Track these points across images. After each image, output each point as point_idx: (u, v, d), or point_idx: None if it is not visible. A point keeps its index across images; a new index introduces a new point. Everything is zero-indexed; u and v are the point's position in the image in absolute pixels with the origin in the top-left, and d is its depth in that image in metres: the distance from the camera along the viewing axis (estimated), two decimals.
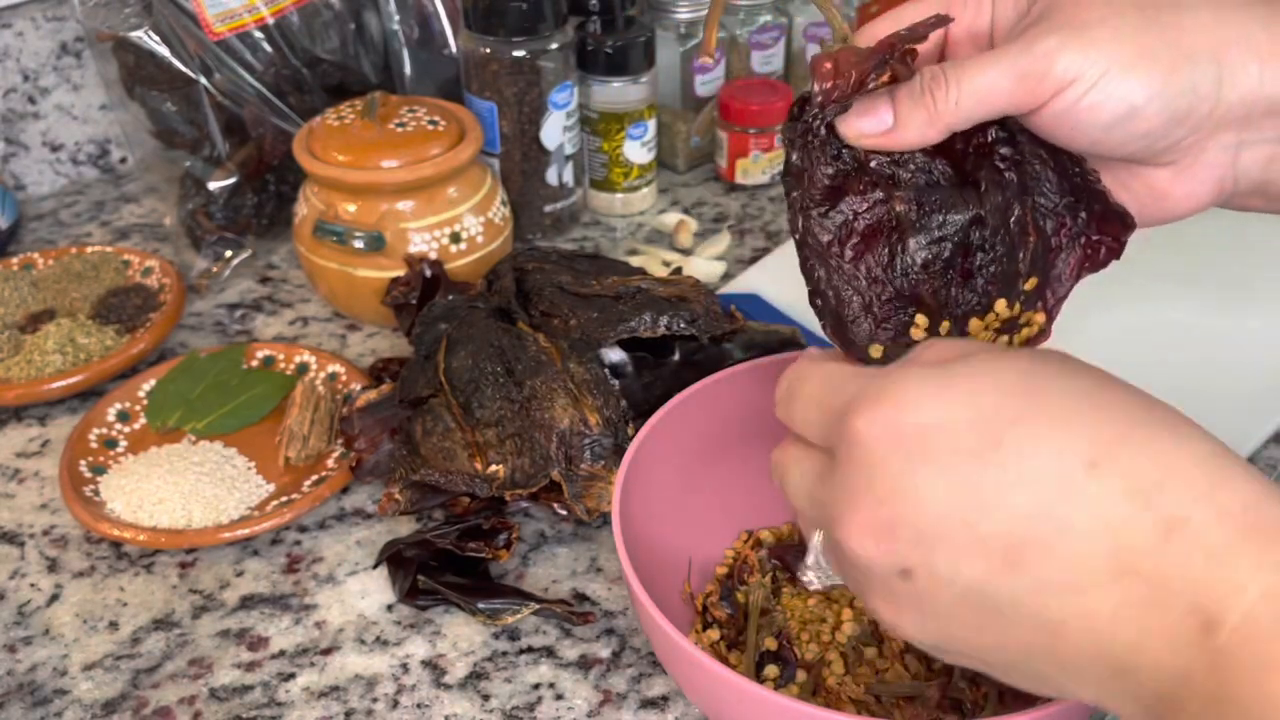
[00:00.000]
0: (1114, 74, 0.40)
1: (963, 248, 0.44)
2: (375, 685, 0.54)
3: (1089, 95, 0.40)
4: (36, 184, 0.95)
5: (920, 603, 0.34)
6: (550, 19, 0.78)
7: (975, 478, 0.32)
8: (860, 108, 0.42)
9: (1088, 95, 0.40)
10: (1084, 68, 0.40)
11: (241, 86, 0.81)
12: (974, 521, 0.32)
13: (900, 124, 0.42)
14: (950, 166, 0.44)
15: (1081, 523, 0.31)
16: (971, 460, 0.32)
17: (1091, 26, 0.41)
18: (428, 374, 0.63)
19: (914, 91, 0.42)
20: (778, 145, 0.90)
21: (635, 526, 0.50)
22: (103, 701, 0.53)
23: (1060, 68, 0.40)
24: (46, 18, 0.90)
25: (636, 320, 0.62)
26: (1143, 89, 0.41)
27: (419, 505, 0.61)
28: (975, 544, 0.32)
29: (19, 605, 0.58)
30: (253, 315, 0.80)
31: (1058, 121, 0.42)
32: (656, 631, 0.45)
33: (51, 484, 0.66)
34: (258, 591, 0.59)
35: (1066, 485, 0.31)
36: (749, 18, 0.93)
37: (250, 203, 0.83)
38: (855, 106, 0.43)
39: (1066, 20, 0.41)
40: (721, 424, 0.56)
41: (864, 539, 0.34)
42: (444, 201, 0.74)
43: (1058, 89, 0.40)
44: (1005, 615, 0.33)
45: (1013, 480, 0.32)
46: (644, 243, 0.87)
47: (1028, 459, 0.32)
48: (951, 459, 0.33)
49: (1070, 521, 0.31)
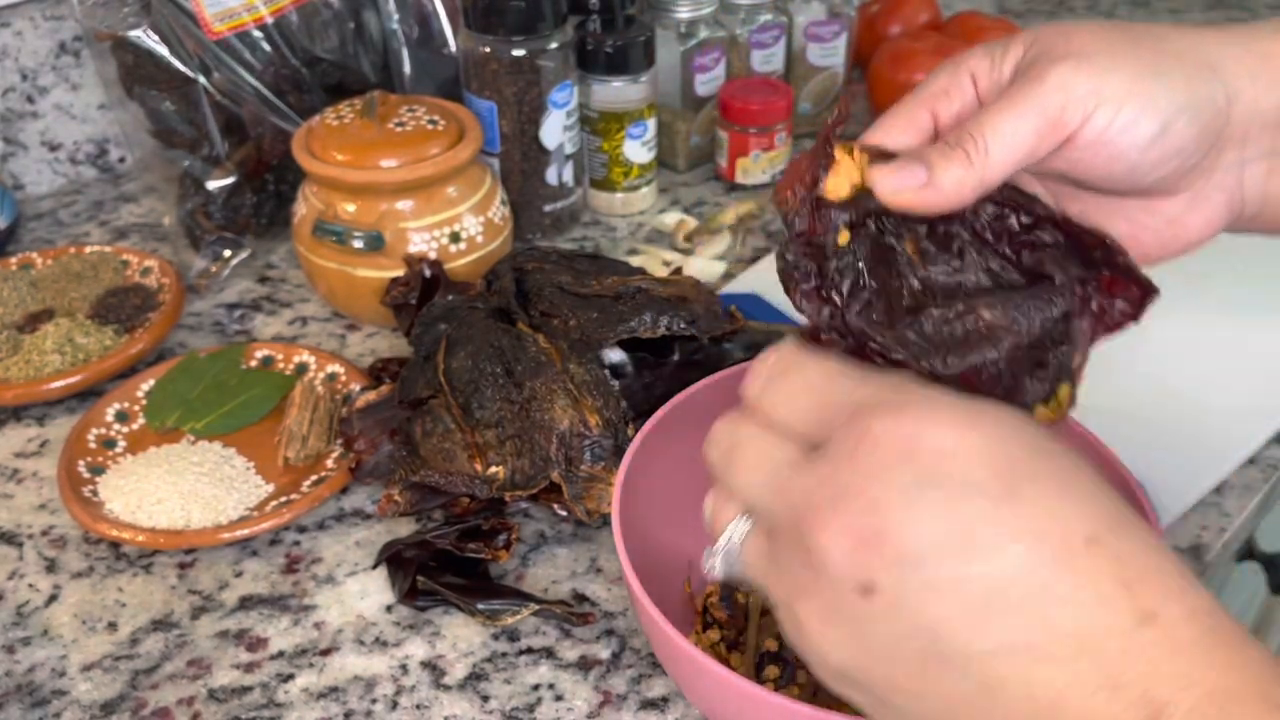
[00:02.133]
0: (1138, 93, 0.40)
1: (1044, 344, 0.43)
2: (374, 686, 0.54)
3: (1118, 116, 0.40)
4: (35, 183, 0.95)
5: (863, 625, 0.32)
6: (550, 18, 0.78)
7: (978, 520, 0.31)
8: (893, 165, 0.42)
9: (1118, 117, 0.40)
10: (1104, 89, 0.40)
11: (240, 86, 0.81)
12: (962, 561, 0.31)
13: (935, 178, 0.41)
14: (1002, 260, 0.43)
15: (1065, 592, 0.31)
16: (980, 501, 0.32)
17: (1092, 55, 0.41)
18: (427, 375, 0.63)
19: (944, 147, 0.41)
20: (778, 144, 0.90)
21: (635, 527, 0.50)
22: (101, 702, 0.53)
23: (1080, 94, 0.40)
24: (45, 17, 0.90)
25: (636, 320, 0.62)
26: (1169, 101, 0.41)
27: (418, 506, 0.61)
28: (955, 584, 0.31)
29: (17, 606, 0.58)
30: (252, 315, 0.80)
31: (1093, 152, 0.41)
32: (656, 632, 0.45)
33: (50, 484, 0.65)
34: (257, 592, 0.59)
35: (1063, 554, 0.31)
36: (749, 17, 0.93)
37: (249, 202, 0.83)
38: (889, 165, 0.42)
39: (1065, 52, 0.41)
40: None
41: (840, 540, 0.32)
42: (443, 201, 0.74)
43: (1084, 116, 0.40)
44: (950, 664, 0.32)
45: (1014, 534, 0.31)
46: (644, 242, 0.87)
47: (1034, 519, 0.31)
48: (961, 493, 0.32)
49: (1054, 589, 0.31)
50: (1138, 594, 0.31)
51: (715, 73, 0.92)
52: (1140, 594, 0.31)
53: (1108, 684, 0.30)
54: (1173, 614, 0.31)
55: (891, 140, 0.44)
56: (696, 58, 0.91)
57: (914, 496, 0.32)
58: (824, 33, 0.96)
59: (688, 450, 0.56)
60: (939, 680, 0.32)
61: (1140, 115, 0.41)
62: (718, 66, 0.92)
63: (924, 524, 0.32)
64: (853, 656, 0.33)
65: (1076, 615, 0.31)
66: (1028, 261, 0.43)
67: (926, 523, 0.32)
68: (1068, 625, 0.31)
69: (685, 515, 0.56)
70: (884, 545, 0.32)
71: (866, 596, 0.32)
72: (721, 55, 0.92)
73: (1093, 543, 0.31)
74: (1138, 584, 0.31)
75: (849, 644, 0.33)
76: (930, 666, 0.32)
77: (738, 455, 0.38)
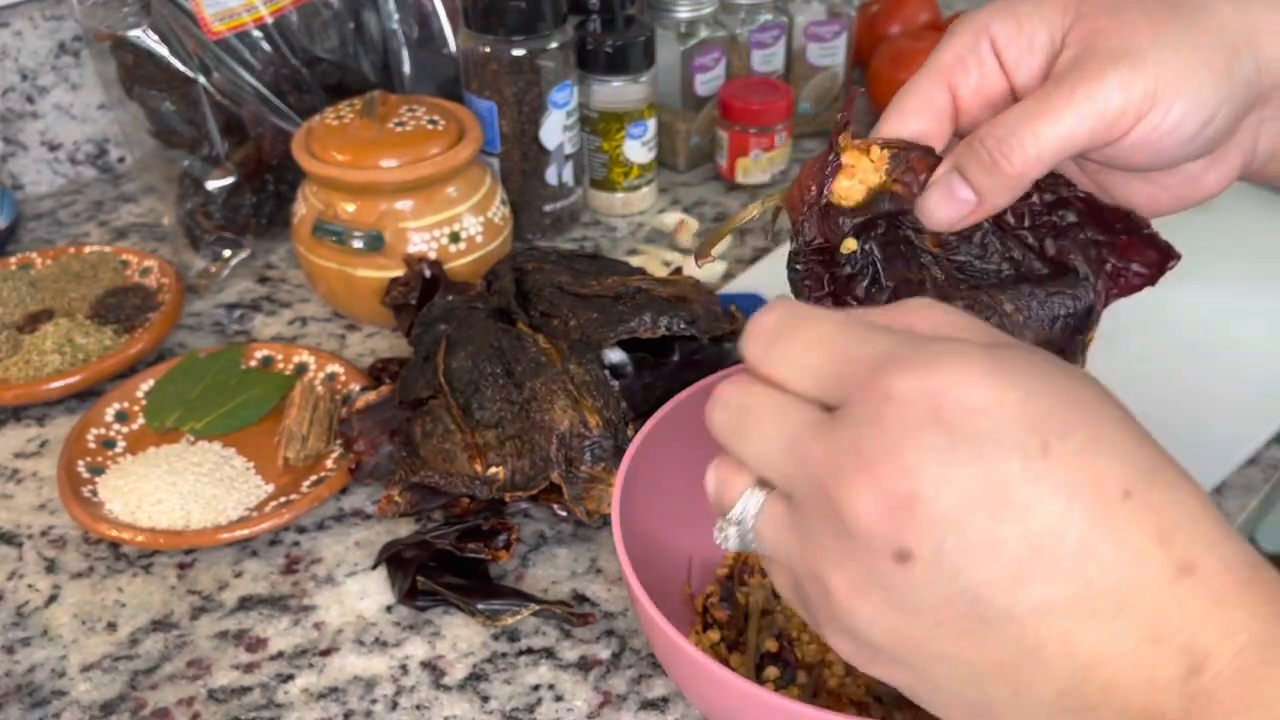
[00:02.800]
0: (1186, 90, 0.40)
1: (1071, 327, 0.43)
2: (374, 686, 0.54)
3: (1169, 117, 0.40)
4: (35, 183, 0.95)
5: (901, 592, 0.32)
6: (550, 18, 0.78)
7: (1013, 478, 0.31)
8: (936, 196, 0.41)
9: (1168, 117, 0.40)
10: (1159, 92, 0.40)
11: (240, 86, 0.81)
12: (999, 521, 0.31)
13: (984, 196, 0.41)
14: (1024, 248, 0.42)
15: (1104, 549, 0.30)
16: (1014, 459, 0.31)
17: (1146, 49, 0.40)
18: (427, 375, 0.63)
19: (979, 161, 0.41)
20: (778, 144, 0.90)
21: (635, 527, 0.50)
22: (101, 703, 0.53)
23: (1137, 97, 0.40)
24: (45, 17, 0.90)
25: (636, 321, 0.61)
26: (1214, 95, 0.41)
27: (418, 507, 0.60)
28: (993, 545, 0.31)
29: (17, 606, 0.58)
30: (251, 315, 0.80)
31: (1136, 149, 0.41)
32: (656, 632, 0.45)
33: (49, 484, 0.65)
34: (256, 592, 0.59)
35: (1100, 509, 0.31)
36: (749, 17, 0.93)
37: (249, 202, 0.83)
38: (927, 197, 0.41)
39: (1119, 48, 0.41)
40: None
41: (872, 507, 0.31)
42: (443, 201, 0.74)
43: (1138, 117, 0.40)
44: (990, 627, 0.31)
45: (1050, 490, 0.31)
46: (644, 242, 0.86)
47: (1070, 472, 0.31)
48: (995, 451, 0.31)
49: (1093, 545, 0.30)
50: (1176, 545, 0.31)
51: (715, 73, 0.92)
52: (1178, 545, 0.31)
53: (1149, 637, 0.30)
54: (1211, 564, 0.30)
55: (908, 127, 0.43)
56: (696, 58, 0.91)
57: (946, 458, 0.31)
58: (824, 33, 0.96)
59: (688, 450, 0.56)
60: (980, 644, 0.31)
61: (1189, 112, 0.41)
62: (718, 66, 0.92)
63: (958, 486, 0.31)
64: (890, 627, 0.32)
65: (1116, 571, 0.30)
66: (1051, 250, 0.42)
67: (961, 484, 0.31)
68: (1107, 581, 0.30)
69: (685, 515, 0.56)
70: (919, 509, 0.31)
71: (903, 563, 0.31)
72: (721, 55, 0.92)
73: (1129, 496, 0.31)
74: (1175, 535, 0.31)
75: (886, 614, 0.32)
76: (971, 631, 0.31)
77: (750, 421, 0.35)
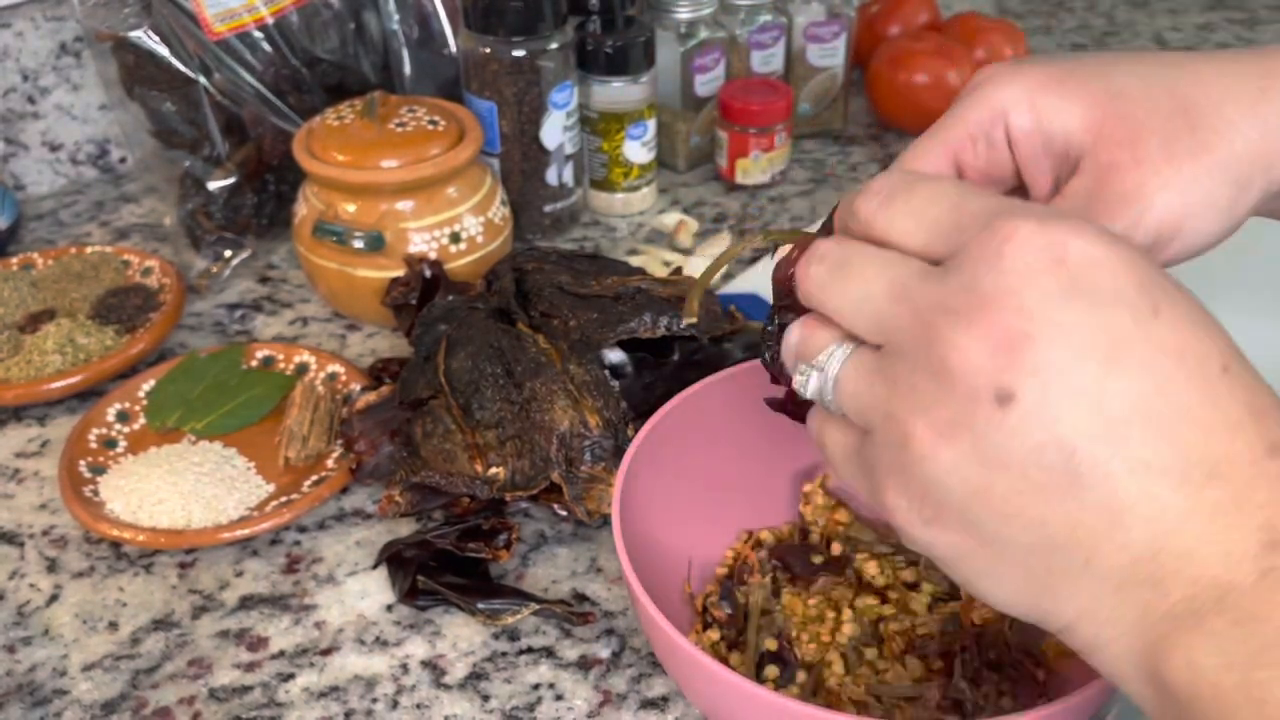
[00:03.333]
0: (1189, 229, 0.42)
1: None
2: (375, 686, 0.54)
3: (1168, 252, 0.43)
4: (36, 184, 0.95)
5: (992, 437, 0.31)
6: (550, 19, 0.78)
7: (1124, 332, 0.31)
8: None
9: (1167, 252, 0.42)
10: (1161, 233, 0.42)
11: (241, 86, 0.81)
12: (1107, 373, 0.31)
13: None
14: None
15: (1202, 415, 0.31)
16: (1126, 313, 0.31)
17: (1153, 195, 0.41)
18: (427, 375, 0.63)
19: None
20: (778, 145, 0.90)
21: (635, 527, 0.50)
22: (102, 702, 0.53)
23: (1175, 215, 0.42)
24: (46, 17, 0.90)
25: (636, 321, 0.62)
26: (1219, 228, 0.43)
27: (419, 507, 0.61)
28: (1097, 396, 0.31)
29: (18, 605, 0.58)
30: (252, 315, 0.80)
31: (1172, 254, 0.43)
32: (656, 632, 0.45)
33: (51, 484, 0.66)
34: (257, 592, 0.59)
35: (1202, 377, 0.31)
36: (749, 17, 0.93)
37: (250, 203, 0.83)
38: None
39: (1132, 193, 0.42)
40: (721, 424, 0.56)
41: (982, 343, 0.31)
42: (444, 201, 0.74)
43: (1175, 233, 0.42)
44: (1079, 485, 0.31)
45: (1158, 350, 0.31)
46: (644, 243, 0.87)
47: (1176, 336, 0.31)
48: (1110, 301, 0.31)
49: (1193, 411, 0.31)
50: (1267, 425, 0.31)
51: (715, 73, 0.92)
52: (1269, 426, 0.31)
53: (1232, 509, 0.30)
54: None
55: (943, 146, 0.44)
56: (696, 58, 0.91)
57: (1064, 304, 0.31)
58: (824, 33, 0.96)
59: (688, 451, 0.56)
60: (1061, 504, 0.31)
61: (1218, 222, 0.42)
62: (718, 67, 0.92)
63: (1072, 333, 0.31)
64: (969, 477, 0.32)
65: (1210, 440, 0.31)
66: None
67: (1074, 332, 0.31)
68: (1201, 449, 0.31)
69: (685, 515, 0.56)
70: (1030, 350, 0.31)
71: (1003, 405, 0.31)
72: (721, 55, 0.92)
73: (1227, 370, 0.31)
74: (1267, 416, 0.31)
75: (968, 461, 0.32)
76: (1057, 486, 0.31)
77: (851, 271, 0.35)
